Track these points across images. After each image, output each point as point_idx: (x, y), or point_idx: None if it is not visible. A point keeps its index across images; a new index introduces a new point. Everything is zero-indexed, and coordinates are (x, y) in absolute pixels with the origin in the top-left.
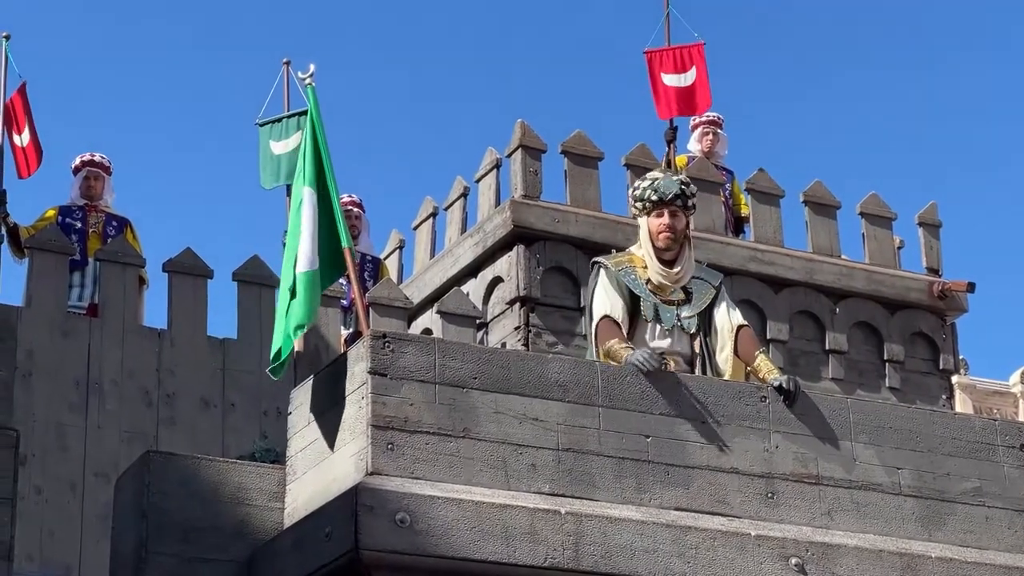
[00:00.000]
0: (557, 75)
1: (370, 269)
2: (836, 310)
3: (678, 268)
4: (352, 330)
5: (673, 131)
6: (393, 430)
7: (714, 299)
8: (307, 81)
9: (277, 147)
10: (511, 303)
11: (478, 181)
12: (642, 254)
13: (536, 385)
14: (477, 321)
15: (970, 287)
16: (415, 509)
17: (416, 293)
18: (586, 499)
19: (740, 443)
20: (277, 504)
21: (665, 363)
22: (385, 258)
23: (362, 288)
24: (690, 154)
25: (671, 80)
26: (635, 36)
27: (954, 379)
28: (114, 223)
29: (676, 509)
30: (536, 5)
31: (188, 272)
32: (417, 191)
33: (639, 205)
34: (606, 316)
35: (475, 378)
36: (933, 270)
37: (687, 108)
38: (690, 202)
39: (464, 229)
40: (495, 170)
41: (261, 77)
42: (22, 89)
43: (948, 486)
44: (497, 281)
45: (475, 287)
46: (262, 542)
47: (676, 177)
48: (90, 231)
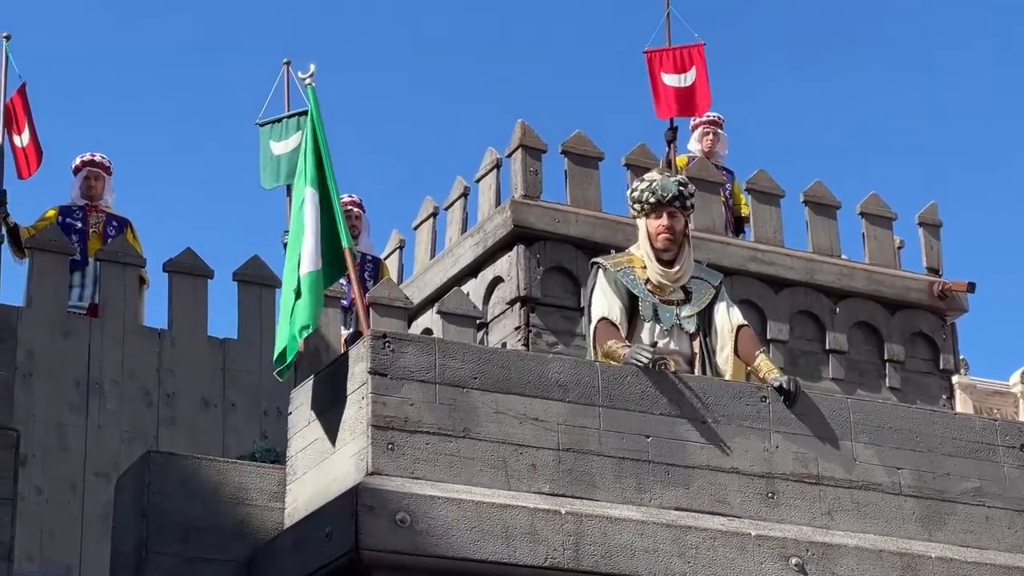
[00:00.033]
0: (557, 75)
1: (370, 269)
2: (836, 310)
3: (677, 267)
4: (352, 330)
5: (673, 131)
6: (393, 430)
7: (714, 299)
8: (307, 81)
9: (277, 147)
10: (511, 303)
11: (478, 181)
12: (641, 254)
13: (536, 385)
14: (477, 321)
15: (970, 287)
16: (415, 509)
17: (416, 293)
18: (586, 499)
19: (740, 443)
20: (277, 504)
21: (664, 363)
22: (385, 258)
23: (362, 288)
24: (690, 154)
25: (671, 80)
26: (635, 36)
27: (954, 379)
28: (114, 223)
29: (676, 509)
30: (536, 5)
31: (188, 272)
32: (417, 191)
33: (637, 207)
34: (604, 318)
35: (475, 378)
36: (933, 270)
37: (687, 108)
38: (688, 202)
39: (464, 229)
40: (495, 170)
41: (261, 77)
42: (22, 89)
43: (948, 486)
44: (497, 281)
45: (475, 287)
46: (262, 542)
47: (674, 178)
48: (90, 231)
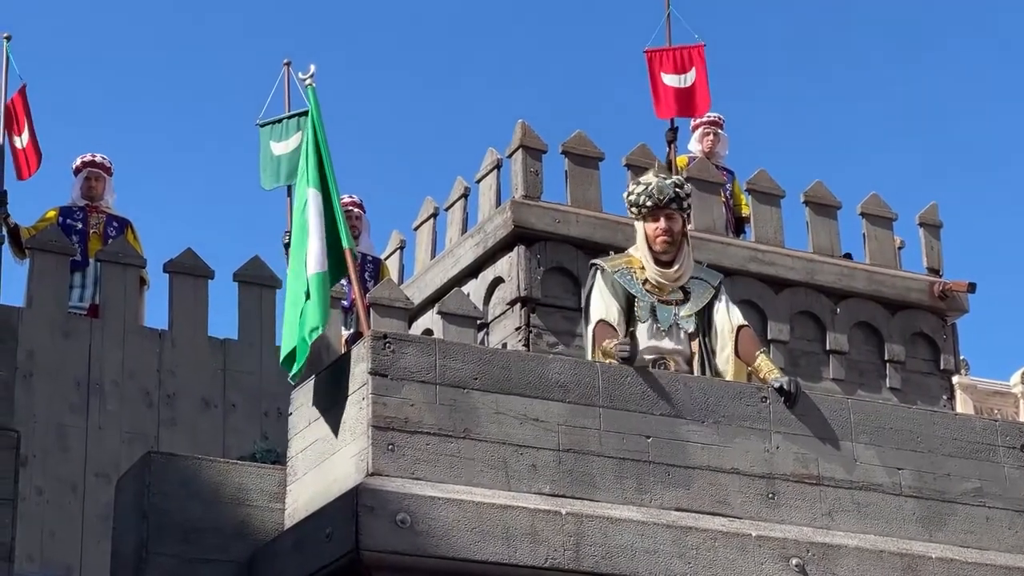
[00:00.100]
0: (557, 75)
1: (371, 270)
2: (837, 310)
3: (676, 267)
4: (353, 331)
5: (674, 131)
6: (394, 431)
7: (713, 299)
8: (307, 82)
9: (277, 148)
10: (512, 304)
11: (479, 181)
12: (640, 255)
13: (537, 386)
14: (478, 322)
15: (971, 287)
16: (416, 510)
17: (417, 294)
18: (587, 500)
19: (741, 444)
20: (278, 505)
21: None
22: (386, 259)
23: (363, 289)
24: (691, 154)
25: (671, 80)
26: (635, 36)
27: (955, 379)
28: (115, 224)
29: (677, 510)
30: (536, 5)
31: (189, 272)
32: (418, 191)
33: (634, 210)
34: (602, 320)
35: (476, 379)
36: (934, 270)
37: (686, 109)
38: (685, 203)
39: (465, 229)
40: (496, 170)
41: (261, 77)
42: (23, 91)
43: (949, 487)
44: (498, 282)
45: (476, 288)
46: (263, 543)
47: (670, 180)
48: (91, 232)
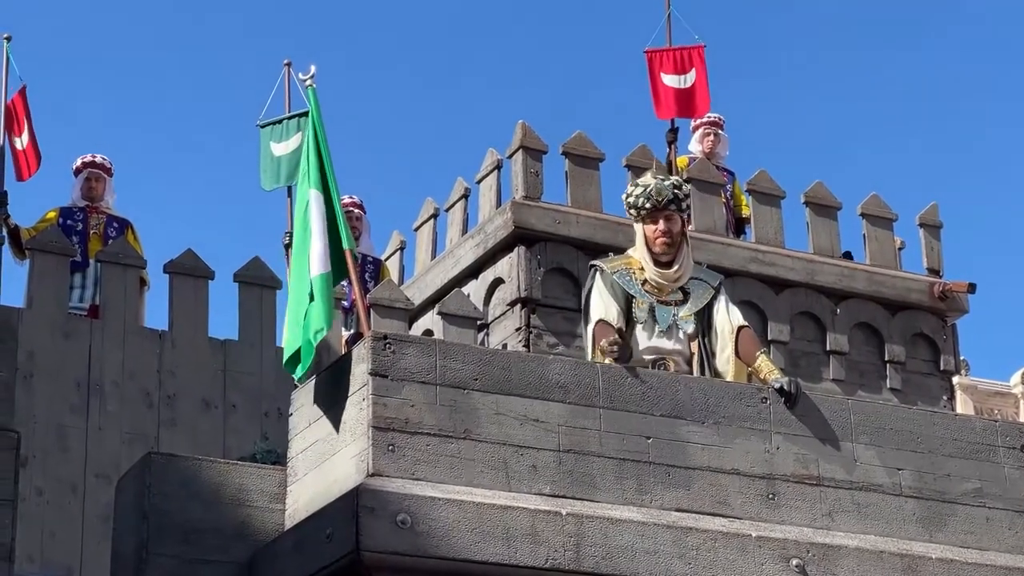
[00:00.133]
0: (557, 75)
1: (371, 270)
2: (837, 311)
3: (676, 267)
4: (353, 331)
5: (674, 132)
6: (394, 431)
7: (713, 300)
8: (308, 82)
9: (278, 148)
10: (512, 304)
11: (479, 182)
12: (639, 256)
13: (537, 386)
14: (478, 322)
15: (971, 288)
16: (416, 510)
17: (417, 294)
18: (587, 500)
19: (741, 444)
20: (278, 505)
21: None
22: (386, 259)
23: (363, 289)
24: (691, 155)
25: (671, 81)
26: (635, 36)
27: (955, 380)
28: (115, 224)
29: (677, 510)
30: (536, 5)
31: (189, 273)
32: (418, 192)
33: (633, 212)
34: (601, 320)
35: (476, 379)
36: (934, 271)
37: (686, 110)
38: (684, 204)
39: (465, 230)
40: (496, 171)
41: (261, 77)
42: (23, 92)
43: (949, 487)
44: (498, 282)
45: (476, 288)
46: (263, 543)
47: (668, 181)
48: (91, 232)
